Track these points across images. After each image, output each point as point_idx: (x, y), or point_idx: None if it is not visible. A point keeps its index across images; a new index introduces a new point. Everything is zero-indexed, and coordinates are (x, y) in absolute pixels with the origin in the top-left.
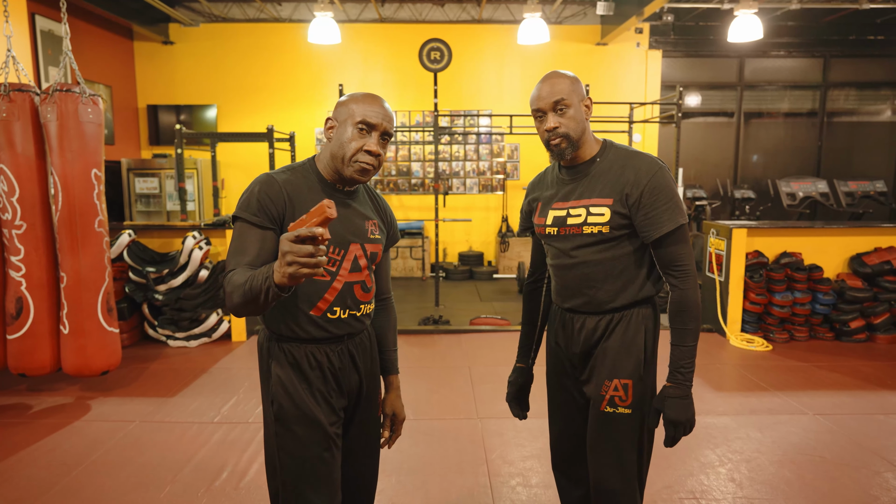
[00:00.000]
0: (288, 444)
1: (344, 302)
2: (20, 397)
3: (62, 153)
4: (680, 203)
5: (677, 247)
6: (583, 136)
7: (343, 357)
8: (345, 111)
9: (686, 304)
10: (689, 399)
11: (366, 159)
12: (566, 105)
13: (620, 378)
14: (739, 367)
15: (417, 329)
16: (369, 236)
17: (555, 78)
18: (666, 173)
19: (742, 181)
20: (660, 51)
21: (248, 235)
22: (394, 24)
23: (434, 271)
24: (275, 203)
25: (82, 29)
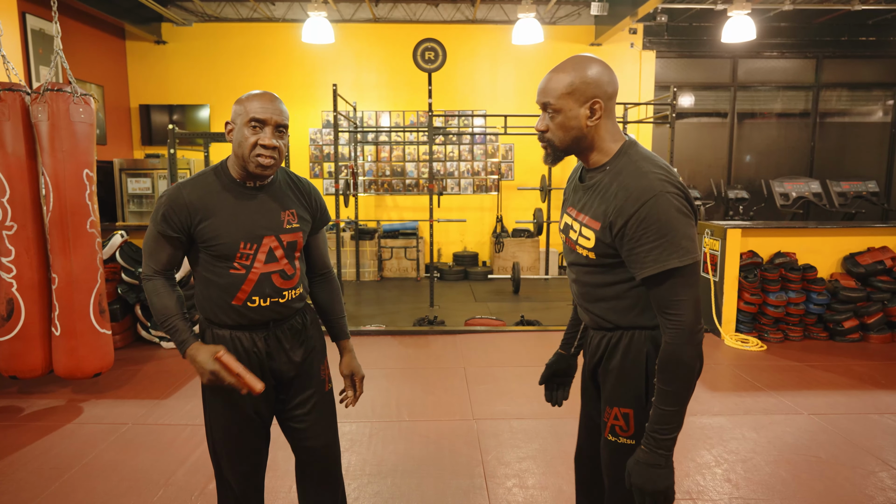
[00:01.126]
0: (212, 416)
1: (262, 291)
2: (11, 400)
3: (53, 153)
4: (677, 239)
5: (667, 293)
6: (581, 142)
7: (270, 342)
8: (238, 111)
9: (672, 362)
10: (662, 468)
11: (262, 153)
12: (554, 110)
13: (620, 407)
14: (734, 367)
15: (412, 330)
16: (285, 227)
17: (556, 73)
18: (662, 201)
19: (736, 181)
20: (653, 51)
21: (159, 243)
22: (388, 24)
23: (429, 272)
24: (179, 216)
25: (74, 28)
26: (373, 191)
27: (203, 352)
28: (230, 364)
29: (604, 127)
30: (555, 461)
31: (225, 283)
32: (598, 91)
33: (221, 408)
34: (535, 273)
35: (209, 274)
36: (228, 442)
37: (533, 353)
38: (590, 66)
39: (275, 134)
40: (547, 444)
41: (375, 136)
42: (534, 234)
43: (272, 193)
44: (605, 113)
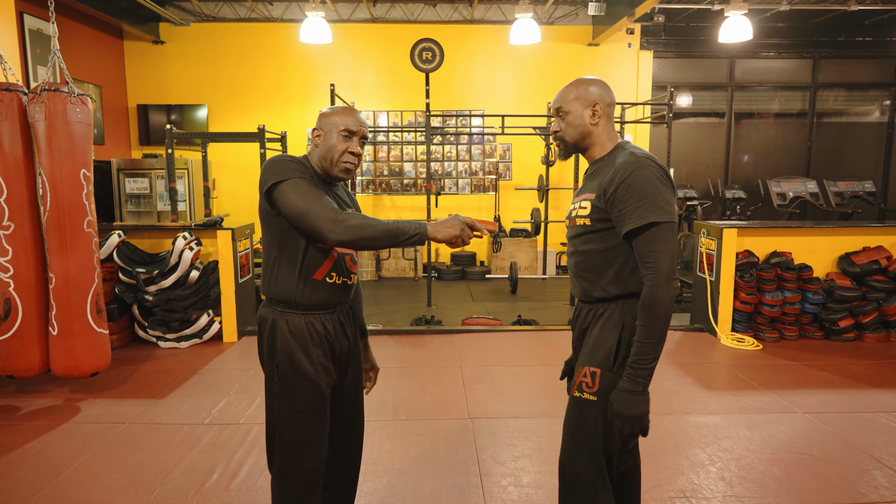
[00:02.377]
0: (291, 401)
1: (339, 269)
2: (8, 399)
3: (50, 153)
4: (657, 201)
5: (647, 244)
6: (586, 139)
7: (335, 325)
8: (329, 122)
9: (650, 302)
10: (640, 396)
11: (350, 159)
12: (564, 112)
13: (591, 366)
14: (730, 366)
15: (410, 329)
16: None
17: (567, 87)
18: (645, 171)
19: (733, 181)
20: (651, 51)
21: (311, 188)
22: (385, 24)
23: (426, 271)
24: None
25: (72, 28)
26: (371, 191)
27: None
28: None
29: (603, 127)
30: (550, 459)
31: (312, 257)
32: (598, 98)
33: (303, 392)
34: (533, 273)
35: (298, 246)
36: (311, 426)
37: (529, 352)
38: (591, 82)
39: (361, 146)
40: (542, 443)
41: (373, 135)
42: (531, 234)
43: (337, 189)
44: (605, 116)
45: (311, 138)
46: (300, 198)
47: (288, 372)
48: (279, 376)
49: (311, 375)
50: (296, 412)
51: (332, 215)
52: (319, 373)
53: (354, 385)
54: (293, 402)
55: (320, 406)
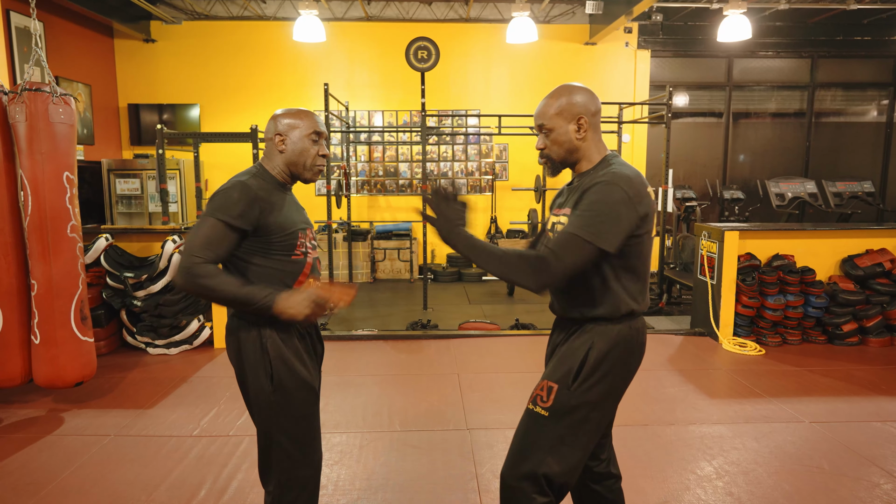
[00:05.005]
0: (287, 408)
1: (314, 274)
2: None
3: (32, 155)
4: (598, 219)
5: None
6: (574, 154)
7: (311, 330)
8: (294, 126)
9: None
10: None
11: (321, 162)
12: (548, 129)
13: (549, 380)
14: (732, 371)
15: (405, 334)
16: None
17: (547, 99)
18: (610, 188)
19: (731, 182)
20: (648, 50)
21: (222, 235)
22: (380, 23)
23: (422, 273)
24: (253, 210)
25: (60, 26)
26: (366, 191)
27: (296, 293)
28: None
29: (591, 140)
30: None
31: (290, 269)
32: (582, 110)
33: (301, 396)
34: None
35: (272, 263)
36: (309, 430)
37: (528, 358)
38: (573, 91)
39: (326, 144)
40: None
41: (368, 136)
42: (528, 235)
43: (292, 194)
44: (591, 128)
45: (273, 143)
46: (197, 235)
47: (284, 378)
48: (274, 385)
49: (307, 378)
50: (294, 418)
51: (192, 263)
52: (313, 375)
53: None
54: (291, 409)
55: (316, 408)
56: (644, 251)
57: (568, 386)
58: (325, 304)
